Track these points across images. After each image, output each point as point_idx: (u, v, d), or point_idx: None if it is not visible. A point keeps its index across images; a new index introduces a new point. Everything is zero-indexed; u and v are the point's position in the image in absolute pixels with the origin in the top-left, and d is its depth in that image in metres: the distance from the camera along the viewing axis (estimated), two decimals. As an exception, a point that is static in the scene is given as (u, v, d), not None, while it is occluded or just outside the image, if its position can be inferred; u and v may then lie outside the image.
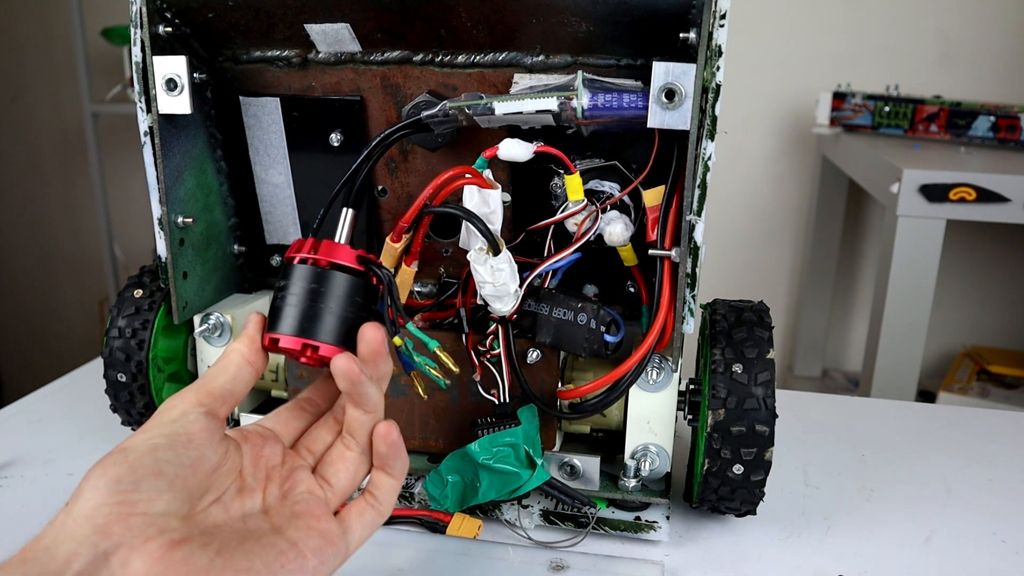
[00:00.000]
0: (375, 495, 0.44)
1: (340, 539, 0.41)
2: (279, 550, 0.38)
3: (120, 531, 0.33)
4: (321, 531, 0.40)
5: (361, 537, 0.42)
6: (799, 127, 1.84)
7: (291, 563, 0.38)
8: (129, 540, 0.33)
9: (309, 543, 0.39)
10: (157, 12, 0.55)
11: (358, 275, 0.44)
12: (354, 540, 0.42)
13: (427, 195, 0.52)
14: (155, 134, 0.56)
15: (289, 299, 0.43)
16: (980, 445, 0.75)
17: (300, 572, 0.38)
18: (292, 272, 0.44)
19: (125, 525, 0.33)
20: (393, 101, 0.59)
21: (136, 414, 0.65)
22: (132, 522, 0.33)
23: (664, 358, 0.55)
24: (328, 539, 0.40)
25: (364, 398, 0.43)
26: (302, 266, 0.44)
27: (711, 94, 0.49)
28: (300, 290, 0.43)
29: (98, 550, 0.32)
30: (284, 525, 0.40)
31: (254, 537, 0.38)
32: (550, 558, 0.56)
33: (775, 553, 0.58)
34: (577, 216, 0.55)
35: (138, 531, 0.33)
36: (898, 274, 1.26)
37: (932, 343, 1.84)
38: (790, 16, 1.80)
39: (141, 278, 0.66)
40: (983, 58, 1.75)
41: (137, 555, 0.33)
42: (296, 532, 0.39)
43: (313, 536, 0.39)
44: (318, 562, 0.39)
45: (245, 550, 0.36)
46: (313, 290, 0.43)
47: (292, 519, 0.40)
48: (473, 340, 0.57)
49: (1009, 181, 1.22)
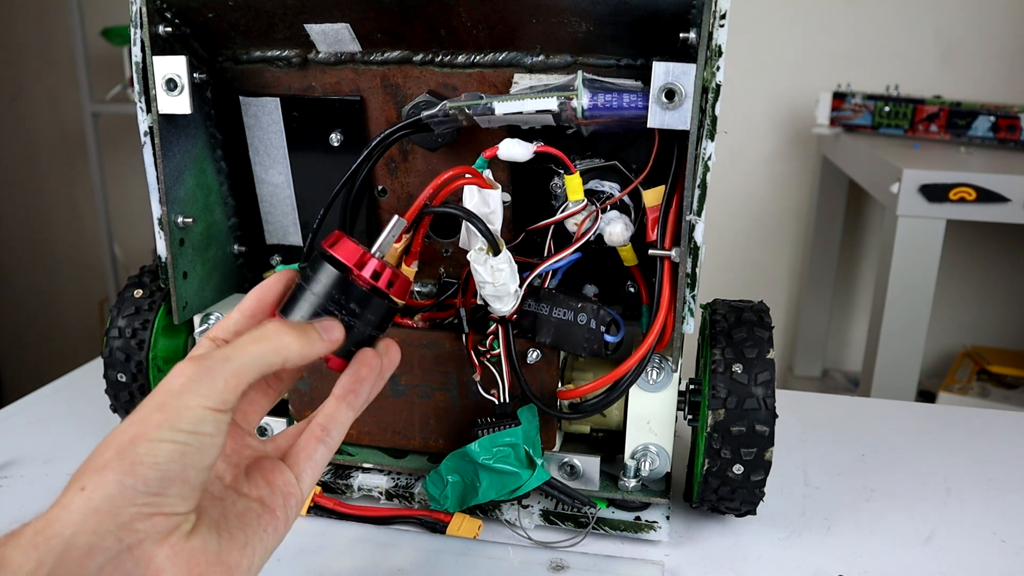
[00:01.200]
0: (329, 430, 0.42)
1: (295, 487, 0.41)
2: (256, 515, 0.38)
3: (145, 528, 0.33)
4: (279, 486, 0.40)
5: (313, 478, 0.41)
6: (799, 127, 1.84)
7: (269, 524, 0.39)
8: (153, 536, 0.34)
9: (276, 500, 0.39)
10: (157, 12, 0.55)
11: (393, 303, 0.44)
12: (307, 483, 0.41)
13: (427, 195, 0.52)
14: (155, 134, 0.56)
15: (312, 297, 0.42)
16: (980, 445, 0.75)
17: (275, 530, 0.39)
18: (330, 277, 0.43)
19: (150, 523, 0.34)
20: (393, 101, 0.59)
21: (136, 414, 0.65)
22: (156, 521, 0.34)
23: (664, 358, 0.55)
24: (287, 492, 0.40)
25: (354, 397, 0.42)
26: (340, 275, 0.43)
27: (711, 94, 0.49)
28: (326, 294, 0.42)
29: (122, 544, 0.33)
30: (248, 488, 0.40)
31: (233, 509, 0.38)
32: (550, 558, 0.56)
33: (775, 553, 0.58)
34: (577, 216, 0.55)
35: (161, 528, 0.34)
36: (898, 274, 1.26)
37: (932, 343, 1.84)
38: (790, 16, 1.80)
39: (141, 278, 0.66)
40: (983, 58, 1.74)
41: (160, 549, 0.34)
42: (259, 491, 0.40)
43: (276, 494, 0.40)
44: (285, 516, 0.40)
45: (234, 525, 0.37)
46: (338, 300, 0.42)
47: (249, 480, 0.40)
48: (473, 340, 0.57)
49: (1009, 181, 1.22)
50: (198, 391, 0.36)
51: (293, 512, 0.40)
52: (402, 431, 0.61)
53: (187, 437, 0.35)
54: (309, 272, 0.43)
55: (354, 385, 0.42)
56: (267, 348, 0.38)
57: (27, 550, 0.32)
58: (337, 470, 0.63)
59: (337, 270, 0.43)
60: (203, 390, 0.36)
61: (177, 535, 0.34)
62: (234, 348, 0.38)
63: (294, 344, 0.39)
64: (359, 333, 0.43)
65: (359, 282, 0.43)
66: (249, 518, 0.38)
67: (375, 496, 0.62)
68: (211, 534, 0.36)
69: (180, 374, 0.36)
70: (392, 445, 0.63)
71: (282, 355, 0.38)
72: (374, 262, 0.44)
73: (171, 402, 0.35)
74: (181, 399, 0.35)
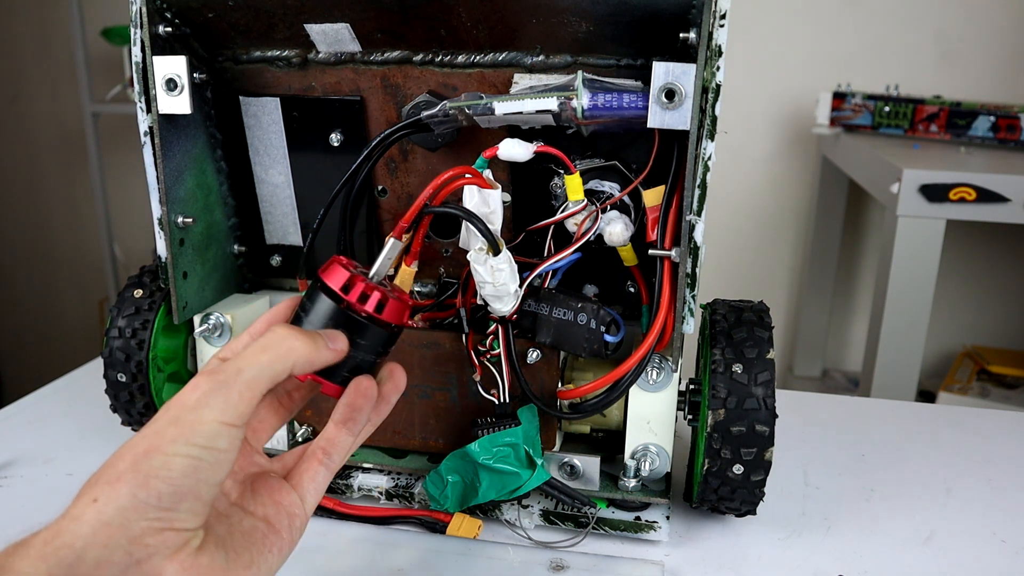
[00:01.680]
0: (330, 453, 0.42)
1: (300, 508, 0.41)
2: (262, 534, 0.39)
3: (155, 543, 0.33)
4: (285, 506, 0.40)
5: (316, 499, 0.42)
6: (799, 127, 1.84)
7: (273, 545, 0.39)
8: (163, 551, 0.34)
9: (281, 521, 0.40)
10: (157, 12, 0.55)
11: (387, 327, 0.44)
12: (310, 504, 0.42)
13: (427, 195, 0.52)
14: (155, 134, 0.56)
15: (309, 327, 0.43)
16: (980, 445, 0.75)
17: (280, 551, 0.39)
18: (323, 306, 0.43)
19: (160, 538, 0.34)
20: (393, 101, 0.59)
21: (136, 414, 0.65)
22: (167, 535, 0.34)
23: (664, 358, 0.55)
24: (292, 512, 0.40)
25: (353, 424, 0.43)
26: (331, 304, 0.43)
27: (711, 94, 0.49)
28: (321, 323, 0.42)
29: (132, 559, 0.33)
30: (254, 507, 0.40)
31: (239, 528, 0.38)
32: (550, 558, 0.56)
33: (775, 553, 0.58)
34: (577, 216, 0.55)
35: (172, 543, 0.34)
36: (898, 274, 1.26)
37: (932, 343, 1.84)
38: (790, 16, 1.80)
39: (141, 278, 0.66)
40: (983, 58, 1.74)
41: (169, 564, 0.34)
42: (266, 510, 0.40)
43: (281, 514, 0.40)
44: (290, 537, 0.40)
45: (240, 543, 0.37)
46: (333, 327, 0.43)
47: (255, 498, 0.40)
48: (473, 340, 0.57)
49: (1009, 181, 1.22)
50: (213, 405, 0.36)
51: (297, 533, 0.40)
52: (402, 431, 0.61)
53: (201, 452, 0.35)
54: (306, 301, 0.44)
55: (351, 413, 0.42)
56: (275, 355, 0.38)
57: (35, 561, 0.32)
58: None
59: (329, 298, 0.43)
60: (218, 404, 0.36)
61: (186, 551, 0.34)
62: (244, 359, 0.38)
63: (302, 348, 0.39)
64: (352, 359, 0.43)
65: (351, 309, 0.43)
66: (255, 537, 0.38)
67: (375, 496, 0.62)
68: (219, 551, 0.36)
69: (195, 388, 0.36)
70: (392, 445, 0.63)
71: (290, 359, 0.38)
72: (361, 286, 0.43)
73: (186, 416, 0.35)
74: (196, 413, 0.35)
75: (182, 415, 0.35)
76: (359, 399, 0.42)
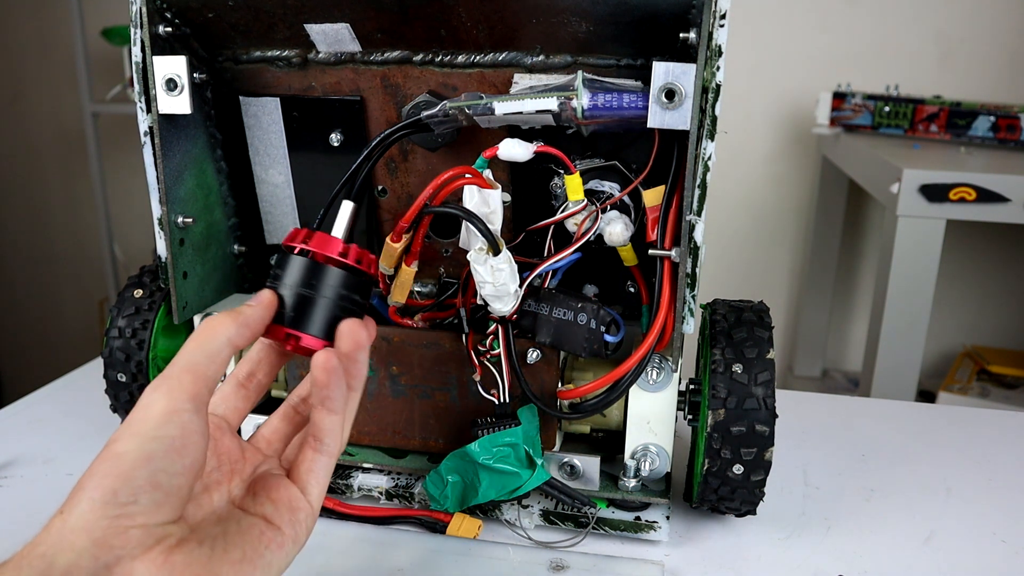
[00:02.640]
0: (320, 438, 0.42)
1: (303, 501, 0.41)
2: (259, 531, 0.38)
3: (120, 543, 0.33)
4: (286, 500, 0.40)
5: (321, 490, 0.42)
6: (799, 127, 1.84)
7: (272, 542, 0.39)
8: (130, 552, 0.33)
9: (282, 517, 0.39)
10: (157, 12, 0.55)
11: (350, 270, 0.44)
12: (315, 495, 0.41)
13: (427, 195, 0.52)
14: (155, 134, 0.56)
15: (279, 287, 0.43)
16: (980, 445, 0.75)
17: (281, 548, 0.39)
18: (286, 261, 0.44)
19: (125, 538, 0.33)
20: (393, 101, 0.59)
21: (136, 414, 0.65)
22: (131, 534, 0.34)
23: (664, 358, 0.55)
24: (294, 506, 0.40)
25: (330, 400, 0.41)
26: (295, 256, 0.44)
27: (711, 94, 0.49)
28: (291, 280, 0.43)
29: (99, 563, 0.33)
30: (252, 506, 0.40)
31: (233, 525, 0.38)
32: (550, 558, 0.56)
33: (775, 553, 0.58)
34: (577, 216, 0.55)
35: (137, 542, 0.34)
36: (898, 274, 1.26)
37: (932, 343, 1.84)
38: (790, 16, 1.80)
39: (141, 278, 0.66)
40: (983, 58, 1.74)
41: (140, 564, 0.33)
42: (265, 508, 0.40)
43: (282, 509, 0.40)
44: (294, 533, 0.40)
45: (230, 541, 0.37)
46: (303, 281, 0.43)
47: (256, 497, 0.40)
48: (473, 340, 0.57)
49: (1009, 181, 1.22)
50: (157, 397, 0.37)
51: (303, 527, 0.40)
52: (402, 431, 0.61)
53: (149, 442, 0.35)
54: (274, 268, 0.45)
55: (321, 391, 0.41)
56: (203, 337, 0.39)
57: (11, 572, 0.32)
58: (337, 470, 0.63)
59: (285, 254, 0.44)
60: (161, 394, 0.37)
61: (158, 550, 0.34)
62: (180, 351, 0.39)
63: (224, 319, 0.40)
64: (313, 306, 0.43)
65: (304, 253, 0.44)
66: (251, 534, 0.38)
67: (375, 496, 0.62)
68: (201, 548, 0.36)
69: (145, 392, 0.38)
70: (392, 445, 0.63)
71: (220, 333, 0.39)
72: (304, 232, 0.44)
73: (135, 415, 0.37)
74: (144, 410, 0.37)
75: (133, 416, 0.37)
76: (321, 375, 0.40)
